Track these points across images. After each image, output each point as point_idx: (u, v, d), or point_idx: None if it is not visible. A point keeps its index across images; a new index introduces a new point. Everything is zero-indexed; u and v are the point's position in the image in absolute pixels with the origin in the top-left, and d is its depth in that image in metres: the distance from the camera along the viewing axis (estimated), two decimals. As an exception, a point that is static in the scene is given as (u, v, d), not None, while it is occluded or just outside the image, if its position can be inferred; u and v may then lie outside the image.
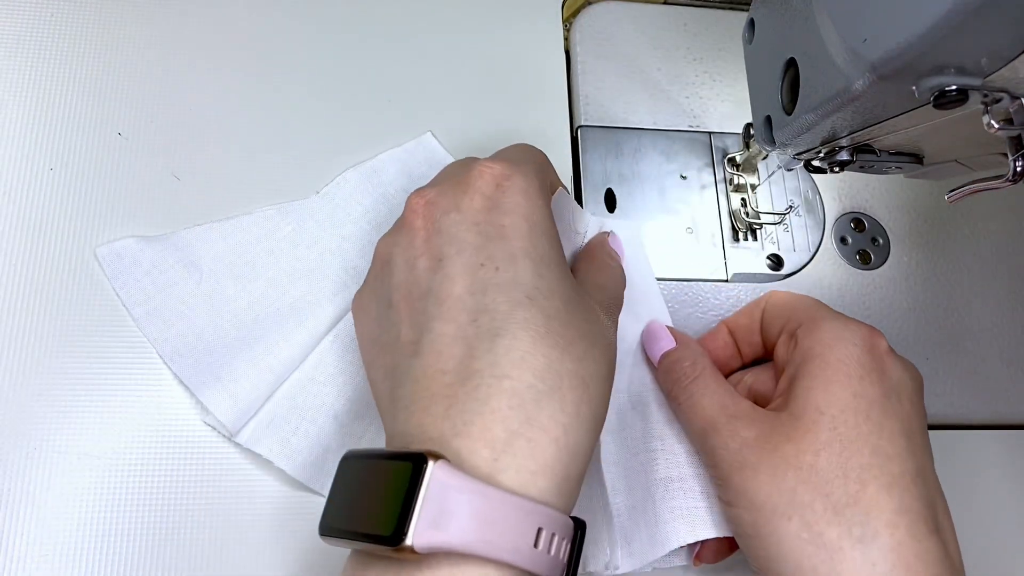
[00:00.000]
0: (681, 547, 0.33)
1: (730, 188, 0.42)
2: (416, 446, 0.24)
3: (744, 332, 0.36)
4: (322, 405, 0.33)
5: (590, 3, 0.46)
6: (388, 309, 0.28)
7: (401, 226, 0.30)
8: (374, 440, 0.34)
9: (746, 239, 0.41)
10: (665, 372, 0.34)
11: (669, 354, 0.34)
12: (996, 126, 0.22)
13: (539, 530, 0.23)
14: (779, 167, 0.40)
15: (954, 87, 0.22)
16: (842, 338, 0.30)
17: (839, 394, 0.29)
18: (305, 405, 0.33)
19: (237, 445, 0.32)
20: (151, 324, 0.34)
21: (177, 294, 0.34)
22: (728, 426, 0.30)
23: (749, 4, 0.34)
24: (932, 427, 0.32)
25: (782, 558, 0.27)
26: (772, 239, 0.41)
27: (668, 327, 0.36)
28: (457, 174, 0.30)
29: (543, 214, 0.29)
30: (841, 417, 0.28)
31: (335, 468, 0.26)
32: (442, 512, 0.21)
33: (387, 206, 0.38)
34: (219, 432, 0.33)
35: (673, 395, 0.33)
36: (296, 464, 0.32)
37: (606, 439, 0.34)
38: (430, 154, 0.40)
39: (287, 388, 0.33)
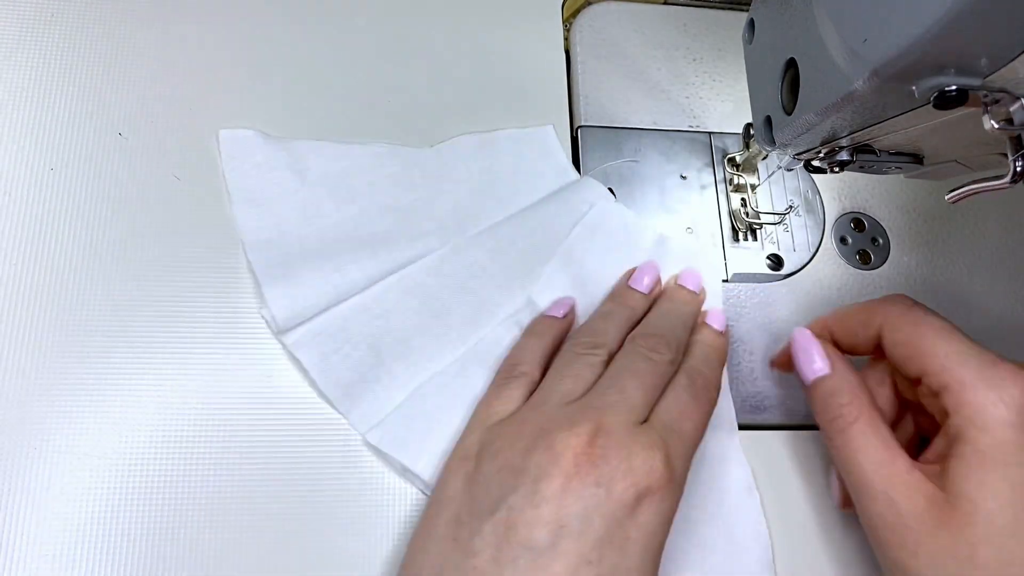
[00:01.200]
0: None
1: (730, 188, 0.41)
2: None
3: (847, 337, 0.34)
4: (369, 335, 0.35)
5: (590, 3, 0.46)
6: (487, 516, 0.28)
7: (548, 443, 0.28)
8: (406, 385, 0.34)
9: (746, 239, 0.41)
10: (820, 404, 0.33)
11: (824, 383, 0.33)
12: (996, 126, 0.22)
13: None
14: (779, 167, 0.40)
15: (954, 87, 0.22)
16: (993, 416, 0.29)
17: (995, 486, 0.28)
18: (353, 330, 0.34)
19: (237, 445, 0.32)
20: (245, 211, 0.36)
21: (277, 193, 0.37)
22: (884, 495, 0.29)
23: (749, 4, 0.34)
24: (932, 427, 0.32)
25: None
26: (772, 239, 0.41)
27: (815, 340, 0.34)
28: (629, 445, 0.28)
29: (663, 538, 0.28)
30: (999, 512, 0.27)
31: (364, 397, 0.29)
32: None
33: (489, 177, 0.40)
34: (269, 327, 0.34)
35: (828, 434, 0.32)
36: (328, 381, 0.34)
37: None
38: (544, 147, 0.41)
39: (342, 309, 0.35)
